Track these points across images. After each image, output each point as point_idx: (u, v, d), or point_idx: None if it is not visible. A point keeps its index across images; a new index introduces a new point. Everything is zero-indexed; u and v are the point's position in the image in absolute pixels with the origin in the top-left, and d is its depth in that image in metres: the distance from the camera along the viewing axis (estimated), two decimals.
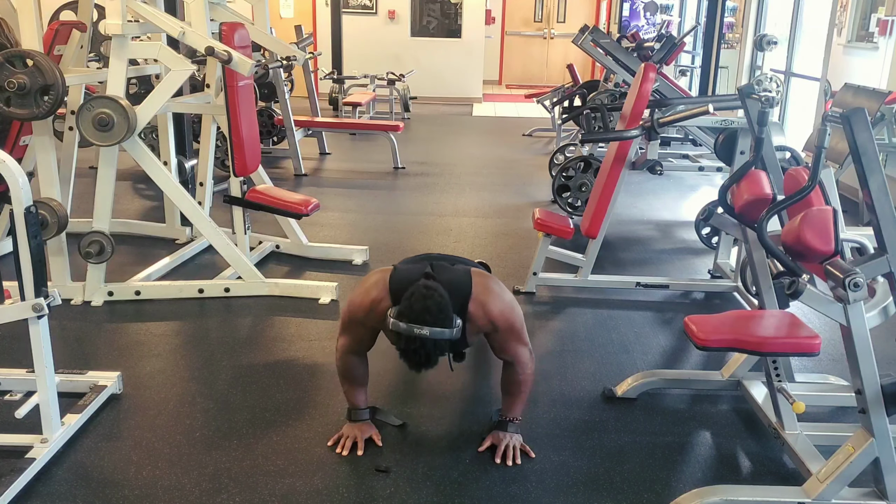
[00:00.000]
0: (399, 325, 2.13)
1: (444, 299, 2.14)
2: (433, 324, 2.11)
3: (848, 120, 1.92)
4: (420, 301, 2.11)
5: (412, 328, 2.10)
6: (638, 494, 2.27)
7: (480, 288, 2.32)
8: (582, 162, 5.25)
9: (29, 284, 2.21)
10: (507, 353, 2.41)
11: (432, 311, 2.11)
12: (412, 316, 2.11)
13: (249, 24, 4.46)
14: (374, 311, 2.32)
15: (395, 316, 2.15)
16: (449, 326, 2.14)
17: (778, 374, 2.38)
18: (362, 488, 2.27)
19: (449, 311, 2.15)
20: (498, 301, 2.34)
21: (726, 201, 2.62)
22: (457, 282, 2.30)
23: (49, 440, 2.33)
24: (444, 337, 2.14)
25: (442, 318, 2.12)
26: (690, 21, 11.40)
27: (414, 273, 2.30)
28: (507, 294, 2.40)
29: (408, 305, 2.13)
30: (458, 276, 2.33)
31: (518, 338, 2.40)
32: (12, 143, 3.68)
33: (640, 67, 3.75)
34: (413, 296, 2.13)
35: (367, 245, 4.40)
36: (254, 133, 3.92)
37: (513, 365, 2.42)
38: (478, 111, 11.36)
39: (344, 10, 11.27)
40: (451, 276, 2.32)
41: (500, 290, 2.38)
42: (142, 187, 5.87)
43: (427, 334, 2.10)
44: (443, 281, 2.24)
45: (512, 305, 2.39)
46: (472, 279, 2.33)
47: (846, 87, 5.20)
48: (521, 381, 2.43)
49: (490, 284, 2.36)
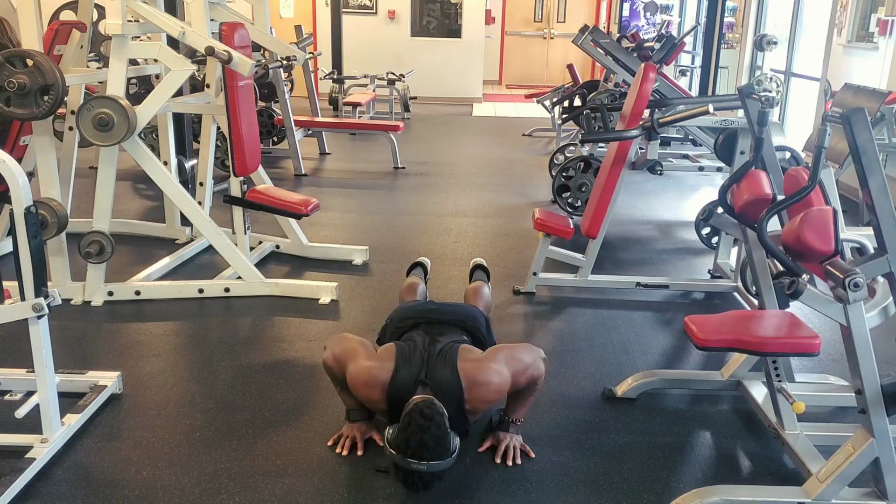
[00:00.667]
0: (395, 458, 2.10)
1: (441, 430, 2.10)
2: (430, 458, 2.07)
3: (848, 120, 1.93)
4: (416, 435, 2.07)
5: (409, 463, 2.08)
6: (638, 494, 2.27)
7: (471, 384, 2.29)
8: (582, 162, 5.25)
9: (29, 284, 2.21)
10: (524, 385, 2.42)
11: (429, 446, 2.07)
12: (409, 452, 2.08)
13: (249, 24, 4.46)
14: (369, 402, 2.38)
15: (392, 446, 2.12)
16: (446, 457, 2.11)
17: (778, 374, 2.38)
18: (362, 488, 2.27)
19: (447, 442, 2.11)
20: (490, 387, 2.31)
21: (726, 201, 2.62)
22: (447, 385, 2.28)
23: (49, 440, 2.33)
24: (442, 468, 2.11)
25: (440, 451, 2.09)
26: (690, 21, 11.40)
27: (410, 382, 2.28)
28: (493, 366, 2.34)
29: (404, 439, 2.08)
30: (447, 380, 2.29)
31: (524, 373, 2.38)
32: (12, 143, 3.68)
33: (640, 67, 3.75)
34: (409, 427, 2.09)
35: (367, 245, 4.40)
36: (254, 133, 3.92)
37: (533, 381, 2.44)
38: (478, 111, 11.36)
39: (344, 10, 11.27)
40: (441, 379, 2.29)
41: (487, 375, 2.31)
42: (142, 187, 5.87)
43: (424, 468, 2.08)
44: (434, 387, 2.26)
45: (502, 375, 2.33)
46: (460, 378, 2.29)
47: (846, 87, 5.20)
48: (537, 388, 2.46)
49: (477, 376, 2.31)
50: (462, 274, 4.05)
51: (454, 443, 2.15)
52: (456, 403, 2.27)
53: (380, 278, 4.09)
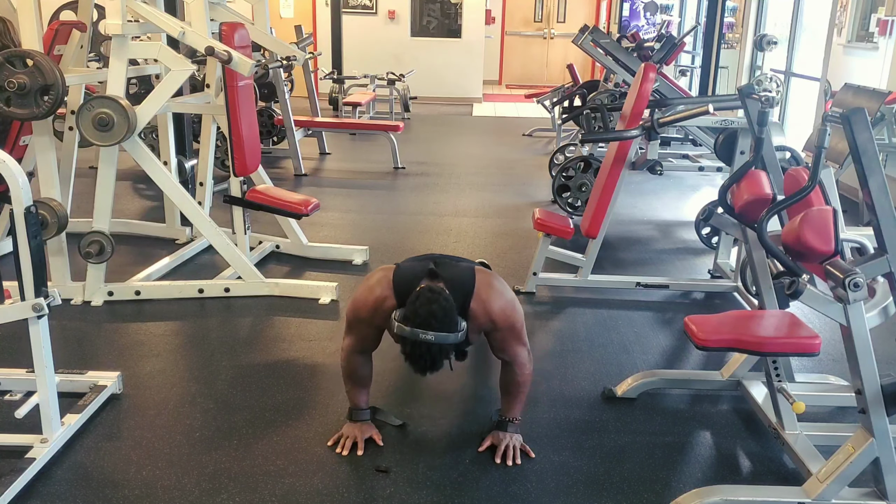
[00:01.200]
0: (404, 330, 2.13)
1: (448, 303, 2.14)
2: (438, 329, 2.10)
3: (848, 120, 1.93)
4: (425, 306, 2.11)
5: (417, 333, 2.10)
6: (638, 494, 2.27)
7: (483, 285, 2.31)
8: (582, 162, 5.25)
9: (29, 284, 2.21)
10: (505, 352, 2.40)
11: (437, 315, 2.10)
12: (417, 321, 2.10)
13: (249, 24, 4.46)
14: (378, 309, 2.32)
15: (400, 320, 2.15)
16: (454, 331, 2.14)
17: (778, 374, 2.38)
18: (362, 488, 2.27)
19: (454, 315, 2.15)
20: (500, 299, 2.34)
21: (726, 201, 2.62)
22: (459, 279, 2.29)
23: (49, 440, 2.33)
24: (449, 341, 2.14)
25: (447, 322, 2.12)
26: (690, 21, 11.40)
27: (418, 270, 2.30)
28: (508, 293, 2.40)
29: (413, 310, 2.12)
30: (460, 272, 2.33)
31: (517, 338, 2.40)
32: (12, 143, 3.68)
33: (640, 67, 3.75)
34: (418, 300, 2.13)
35: (367, 245, 4.40)
36: (254, 133, 3.92)
37: (511, 365, 2.42)
38: (478, 111, 11.36)
39: (344, 10, 11.28)
40: (453, 272, 2.31)
41: (502, 289, 2.38)
42: (142, 187, 5.87)
43: (432, 339, 2.10)
44: (446, 278, 2.25)
45: (513, 304, 2.39)
46: (476, 276, 2.32)
47: (846, 87, 5.20)
48: (520, 381, 2.43)
49: (493, 282, 2.36)
50: None
51: (461, 322, 2.17)
52: (462, 301, 2.25)
53: None
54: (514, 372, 2.42)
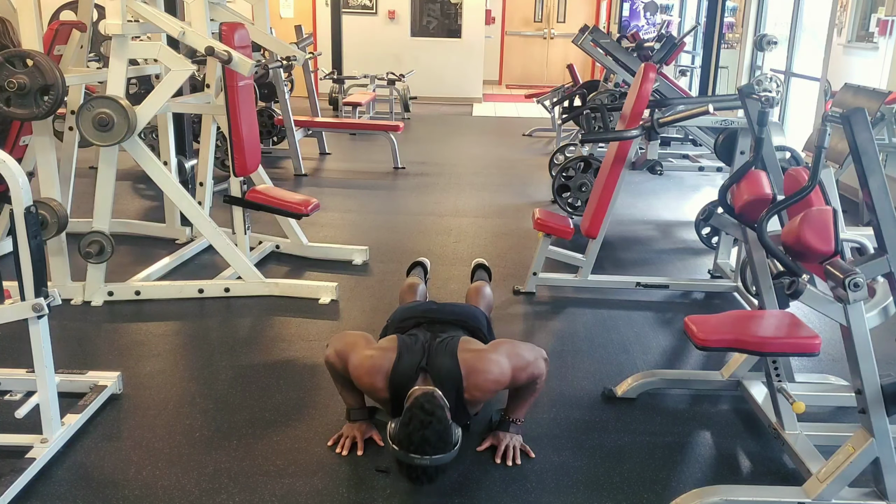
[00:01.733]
0: (398, 453, 2.11)
1: (442, 425, 2.11)
2: (433, 453, 2.08)
3: (848, 120, 1.92)
4: (418, 431, 2.08)
5: (413, 458, 2.09)
6: (638, 494, 2.27)
7: (470, 372, 2.29)
8: (582, 162, 5.25)
9: (29, 284, 2.21)
10: (524, 382, 2.41)
11: (432, 441, 2.08)
12: (412, 448, 2.08)
13: (249, 24, 4.46)
14: (371, 392, 2.37)
15: (394, 441, 2.12)
16: (449, 450, 2.12)
17: (778, 374, 2.38)
18: (362, 488, 2.27)
19: (448, 435, 2.12)
20: (488, 376, 2.30)
21: (726, 201, 2.62)
22: (446, 372, 2.28)
23: (49, 440, 2.33)
24: (445, 461, 2.12)
25: (442, 445, 2.10)
26: (690, 21, 11.40)
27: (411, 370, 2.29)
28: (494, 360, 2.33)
29: (406, 435, 2.09)
30: (448, 366, 2.29)
31: (524, 370, 2.37)
32: (12, 143, 3.68)
33: (640, 67, 3.75)
34: (411, 423, 2.09)
35: (367, 245, 4.40)
36: (254, 133, 3.92)
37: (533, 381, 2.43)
38: (478, 111, 11.36)
39: (344, 10, 11.27)
40: (441, 367, 2.29)
41: (487, 364, 2.32)
42: (142, 187, 5.87)
43: (428, 463, 2.09)
44: (434, 376, 2.27)
45: (502, 366, 2.33)
46: (459, 365, 2.29)
47: (846, 87, 5.20)
48: (537, 388, 2.46)
49: (476, 364, 2.31)
50: (462, 274, 4.05)
51: (456, 435, 2.16)
52: (455, 392, 2.27)
53: (380, 278, 4.09)
54: (534, 383, 2.43)
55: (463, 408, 2.33)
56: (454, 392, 2.27)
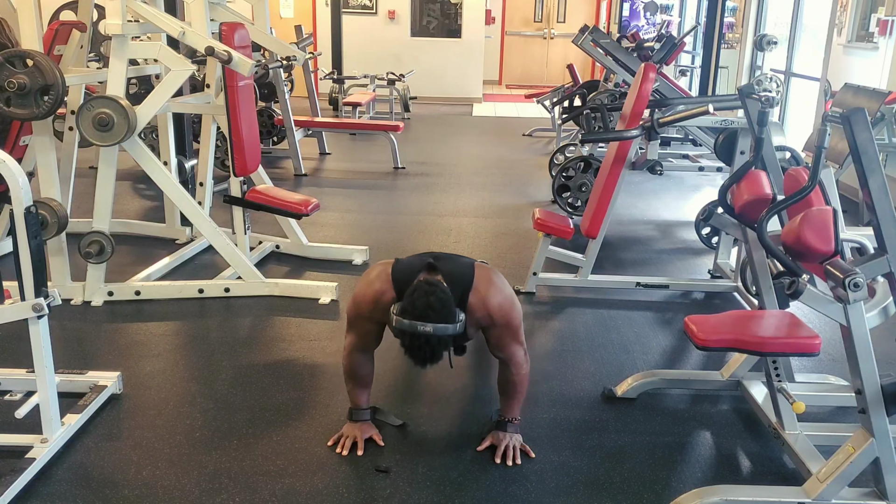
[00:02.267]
0: (402, 322, 2.13)
1: (446, 295, 2.15)
2: (436, 320, 2.11)
3: (848, 120, 1.93)
4: (422, 298, 2.12)
5: (415, 325, 2.11)
6: (638, 494, 2.27)
7: (482, 280, 2.31)
8: (582, 162, 5.25)
9: (29, 284, 2.21)
10: (502, 350, 2.40)
11: (435, 307, 2.11)
12: (415, 313, 2.11)
13: (249, 24, 4.46)
14: (377, 303, 2.32)
15: (398, 313, 2.16)
16: (452, 322, 2.15)
17: (778, 374, 2.38)
18: (362, 488, 2.27)
19: (452, 306, 2.15)
20: (499, 294, 2.34)
21: (726, 201, 2.62)
22: (458, 272, 2.30)
23: (49, 440, 2.33)
24: (448, 333, 2.14)
25: (445, 314, 2.13)
26: (690, 21, 11.40)
27: (416, 264, 2.31)
28: (508, 290, 2.40)
29: (410, 302, 2.13)
30: (459, 266, 2.34)
31: (514, 336, 2.39)
32: (12, 143, 3.68)
33: (640, 67, 3.75)
34: (415, 292, 2.14)
35: (367, 245, 4.40)
36: (254, 133, 3.92)
37: (508, 365, 2.42)
38: (478, 111, 11.35)
39: (344, 10, 11.28)
40: (452, 266, 2.32)
41: (501, 285, 2.38)
42: (142, 187, 5.87)
43: (430, 331, 2.11)
44: (444, 272, 2.26)
45: (512, 302, 2.38)
46: (475, 271, 2.33)
47: (846, 87, 5.20)
48: (517, 381, 2.43)
49: (492, 277, 2.36)
50: None
51: (459, 314, 2.18)
52: (461, 295, 2.25)
53: None
54: (510, 371, 2.42)
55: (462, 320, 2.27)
56: (460, 293, 2.25)
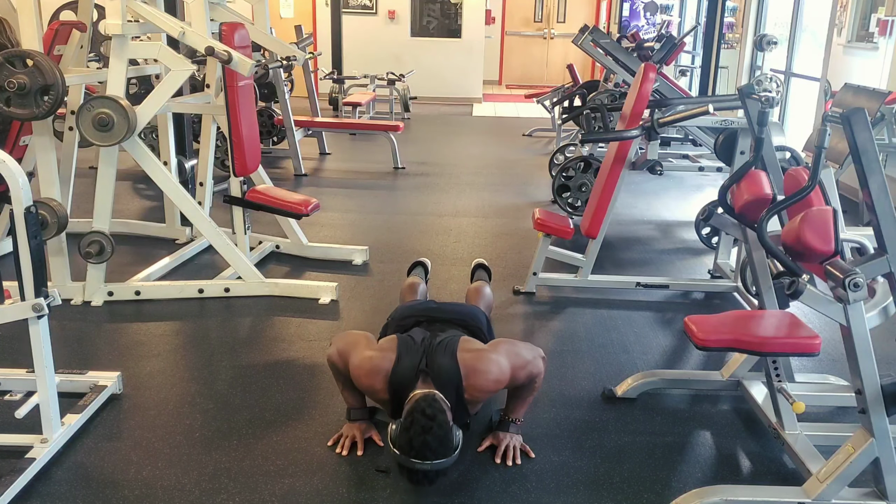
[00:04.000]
0: (400, 458, 2.13)
1: (443, 430, 2.11)
2: (434, 458, 2.10)
3: (848, 120, 1.92)
4: (419, 436, 2.09)
5: (414, 463, 2.10)
6: (638, 494, 2.27)
7: (469, 372, 2.29)
8: (582, 162, 5.25)
9: (29, 284, 2.21)
10: (523, 381, 2.41)
11: (432, 447, 2.09)
12: (413, 453, 2.10)
13: (249, 24, 4.46)
14: (371, 393, 2.39)
15: (395, 445, 2.14)
16: (449, 455, 2.13)
17: (778, 374, 2.38)
18: (362, 488, 2.27)
19: (449, 439, 2.13)
20: (488, 376, 2.31)
21: (726, 201, 2.62)
22: (446, 374, 2.28)
23: (49, 440, 2.33)
24: (446, 466, 2.14)
25: (442, 450, 2.11)
26: (690, 21, 11.40)
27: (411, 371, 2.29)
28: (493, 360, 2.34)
29: (407, 440, 2.10)
30: (447, 367, 2.30)
31: (523, 368, 2.38)
32: (12, 143, 3.68)
33: (640, 67, 3.75)
34: (412, 428, 2.10)
35: (367, 245, 4.40)
36: (254, 133, 3.92)
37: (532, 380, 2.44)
38: (478, 111, 11.35)
39: (344, 10, 11.27)
40: (441, 367, 2.29)
41: (486, 364, 2.32)
42: (142, 187, 5.87)
43: (429, 468, 2.11)
44: (435, 378, 2.27)
45: (501, 366, 2.33)
46: (459, 365, 2.30)
47: (846, 87, 5.20)
48: (535, 387, 2.46)
49: (476, 364, 2.31)
50: (462, 274, 4.05)
51: (457, 438, 2.17)
52: (455, 392, 2.28)
53: (380, 278, 4.09)
54: (533, 382, 2.44)
55: (463, 407, 2.33)
56: (454, 392, 2.28)
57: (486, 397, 2.42)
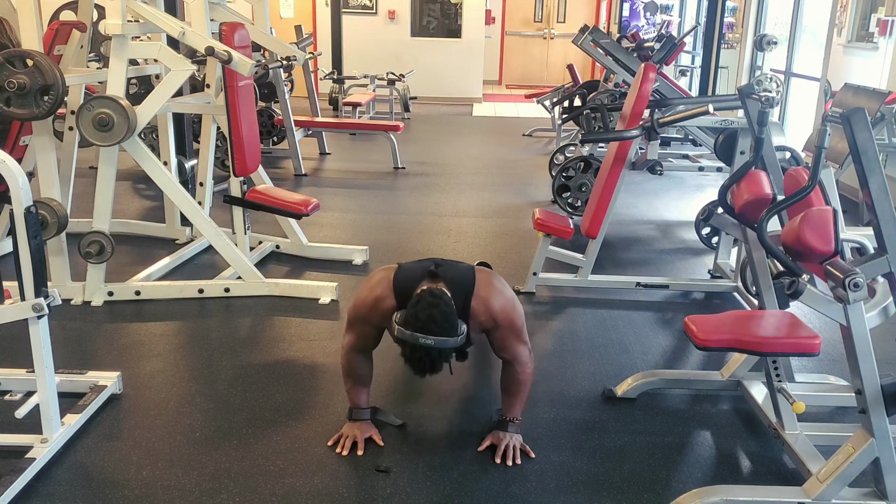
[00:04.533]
0: (404, 333, 2.14)
1: (448, 307, 2.15)
2: (438, 333, 2.12)
3: (848, 120, 1.93)
4: (425, 310, 2.12)
5: (417, 337, 2.11)
6: (638, 494, 2.27)
7: (483, 283, 2.33)
8: (582, 162, 5.25)
9: (29, 284, 2.21)
10: (506, 351, 2.41)
11: (437, 320, 2.11)
12: (417, 325, 2.11)
13: (249, 24, 4.46)
14: (378, 308, 2.34)
15: (400, 323, 2.16)
16: (454, 335, 2.15)
17: (778, 374, 2.38)
18: (362, 488, 2.27)
19: (454, 319, 2.15)
20: (500, 297, 2.35)
21: (726, 201, 2.62)
22: (460, 278, 2.31)
23: (49, 440, 2.33)
24: (449, 346, 2.15)
25: (447, 327, 2.13)
26: (690, 21, 11.40)
27: (418, 272, 2.31)
28: (509, 291, 2.42)
29: (413, 314, 2.13)
30: (461, 272, 2.35)
31: (518, 336, 2.41)
32: (12, 143, 3.68)
33: (640, 67, 3.75)
34: (418, 304, 2.14)
35: (367, 245, 4.40)
36: (254, 133, 3.92)
37: (512, 364, 2.42)
38: (478, 111, 11.35)
39: (344, 10, 11.27)
40: (454, 273, 2.33)
41: (502, 287, 2.40)
42: (142, 187, 5.87)
43: (432, 343, 2.12)
44: (446, 279, 2.27)
45: (514, 303, 2.40)
46: (476, 275, 2.34)
47: (846, 87, 5.20)
48: (521, 380, 2.44)
49: (493, 281, 2.38)
50: None
51: (461, 326, 2.18)
52: (462, 300, 2.27)
53: None
54: (515, 371, 2.42)
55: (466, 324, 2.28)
56: (462, 298, 2.27)
57: (485, 325, 2.35)
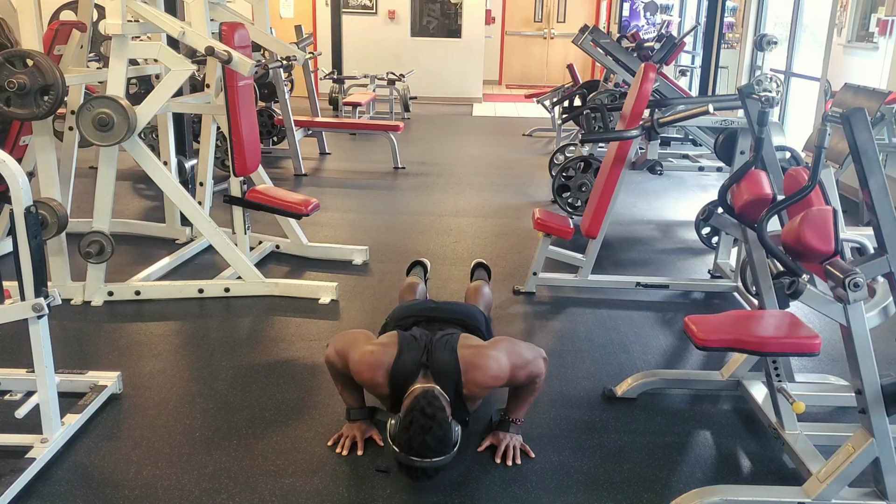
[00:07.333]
0: (399, 455, 2.13)
1: (443, 429, 2.12)
2: (433, 456, 2.11)
3: (848, 120, 1.92)
4: (418, 435, 2.09)
5: (413, 461, 2.11)
6: (638, 494, 2.27)
7: (469, 367, 2.30)
8: (582, 162, 5.25)
9: (29, 284, 2.21)
10: (523, 381, 2.41)
11: (432, 446, 2.10)
12: (412, 451, 2.10)
13: (249, 24, 4.46)
14: (372, 389, 2.40)
15: (395, 442, 2.14)
16: (449, 452, 2.14)
17: (778, 374, 2.38)
18: (362, 488, 2.27)
19: (448, 438, 2.14)
20: (487, 370, 2.32)
21: (726, 201, 2.62)
22: (444, 370, 2.30)
23: (49, 440, 2.33)
24: (445, 463, 2.15)
25: (442, 448, 2.12)
26: (690, 21, 11.40)
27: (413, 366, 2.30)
28: (493, 356, 2.35)
29: (407, 440, 2.10)
30: (444, 363, 2.31)
31: (523, 368, 2.38)
32: (12, 143, 3.68)
33: (640, 67, 3.75)
34: (412, 427, 2.10)
35: (367, 245, 4.40)
36: (254, 133, 3.92)
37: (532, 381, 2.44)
38: (478, 111, 11.35)
39: (344, 10, 11.27)
40: (439, 364, 2.31)
41: (485, 360, 2.33)
42: (142, 187, 5.87)
43: (428, 465, 2.12)
44: (435, 371, 2.29)
45: (500, 362, 2.34)
46: (459, 360, 2.31)
47: (846, 87, 5.20)
48: (535, 388, 2.46)
49: (475, 360, 2.32)
50: (462, 274, 4.05)
51: (456, 435, 2.17)
52: (454, 387, 2.28)
53: (380, 278, 4.09)
54: (533, 382, 2.44)
55: (462, 404, 2.34)
56: (453, 387, 2.28)
57: (485, 394, 2.43)
